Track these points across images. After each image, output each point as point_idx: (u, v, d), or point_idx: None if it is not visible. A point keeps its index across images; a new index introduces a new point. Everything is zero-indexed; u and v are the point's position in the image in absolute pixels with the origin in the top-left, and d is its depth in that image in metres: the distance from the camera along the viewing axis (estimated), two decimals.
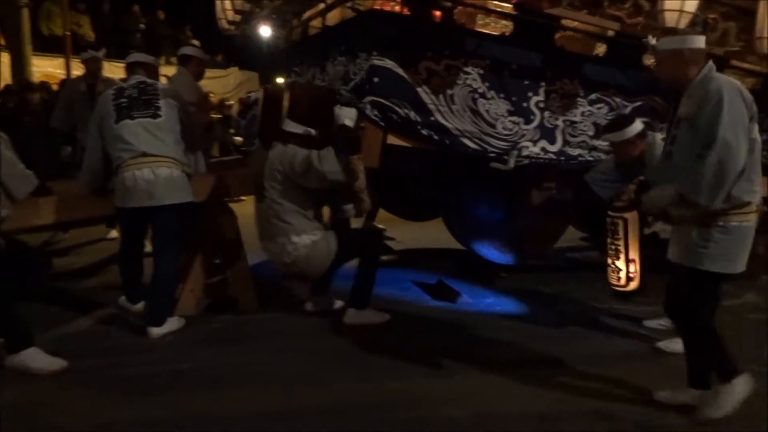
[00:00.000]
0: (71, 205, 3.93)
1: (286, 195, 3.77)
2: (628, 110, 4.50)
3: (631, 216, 3.86)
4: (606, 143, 4.13)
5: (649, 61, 4.50)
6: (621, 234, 3.93)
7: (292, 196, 3.78)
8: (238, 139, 7.99)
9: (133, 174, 3.53)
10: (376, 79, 3.87)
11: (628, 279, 3.93)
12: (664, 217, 3.36)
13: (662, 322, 3.97)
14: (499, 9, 4.19)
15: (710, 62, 2.78)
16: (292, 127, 3.88)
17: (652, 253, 6.20)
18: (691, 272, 2.83)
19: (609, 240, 4.10)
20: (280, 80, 6.60)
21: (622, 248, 3.97)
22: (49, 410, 2.77)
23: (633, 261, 3.82)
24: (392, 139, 4.00)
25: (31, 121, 6.62)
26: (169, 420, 2.72)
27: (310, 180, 3.71)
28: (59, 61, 10.75)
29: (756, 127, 2.73)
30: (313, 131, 3.86)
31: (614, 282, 4.15)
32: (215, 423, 2.71)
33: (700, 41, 2.80)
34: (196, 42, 12.69)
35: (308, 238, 3.78)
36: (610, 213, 4.06)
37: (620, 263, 4.05)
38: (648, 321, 4.05)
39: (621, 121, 3.73)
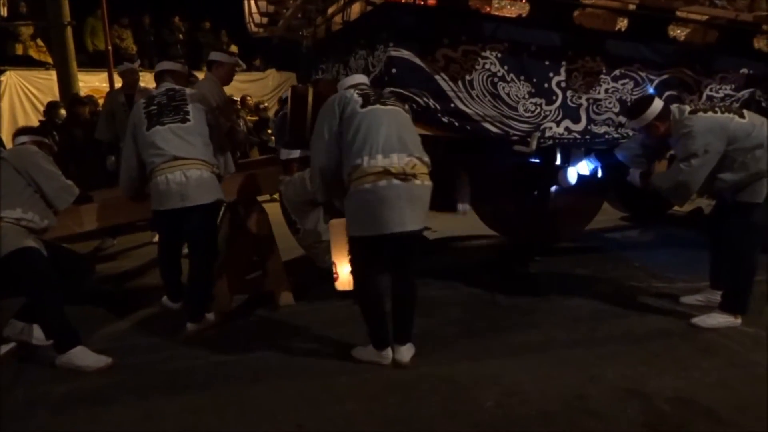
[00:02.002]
0: (111, 211, 4.12)
1: (311, 216, 4.06)
2: (654, 84, 4.40)
3: (333, 222, 3.88)
4: None
5: (675, 32, 4.41)
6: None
7: (316, 214, 4.07)
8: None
9: (165, 177, 3.66)
10: (394, 70, 3.91)
11: (333, 278, 3.96)
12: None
13: (699, 298, 3.92)
14: None
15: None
16: (286, 154, 4.16)
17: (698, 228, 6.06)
18: None
19: None
20: None
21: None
22: (99, 403, 2.92)
23: (334, 263, 3.91)
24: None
25: (82, 133, 6.86)
26: (211, 408, 2.84)
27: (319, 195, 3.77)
28: (104, 76, 11.04)
29: (353, 107, 3.10)
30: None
31: None
32: (256, 411, 2.81)
33: None
34: (234, 47, 12.92)
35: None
36: None
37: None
38: (684, 297, 4.00)
39: (638, 107, 3.64)
